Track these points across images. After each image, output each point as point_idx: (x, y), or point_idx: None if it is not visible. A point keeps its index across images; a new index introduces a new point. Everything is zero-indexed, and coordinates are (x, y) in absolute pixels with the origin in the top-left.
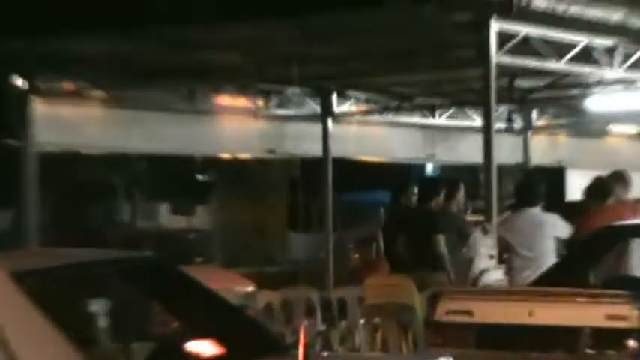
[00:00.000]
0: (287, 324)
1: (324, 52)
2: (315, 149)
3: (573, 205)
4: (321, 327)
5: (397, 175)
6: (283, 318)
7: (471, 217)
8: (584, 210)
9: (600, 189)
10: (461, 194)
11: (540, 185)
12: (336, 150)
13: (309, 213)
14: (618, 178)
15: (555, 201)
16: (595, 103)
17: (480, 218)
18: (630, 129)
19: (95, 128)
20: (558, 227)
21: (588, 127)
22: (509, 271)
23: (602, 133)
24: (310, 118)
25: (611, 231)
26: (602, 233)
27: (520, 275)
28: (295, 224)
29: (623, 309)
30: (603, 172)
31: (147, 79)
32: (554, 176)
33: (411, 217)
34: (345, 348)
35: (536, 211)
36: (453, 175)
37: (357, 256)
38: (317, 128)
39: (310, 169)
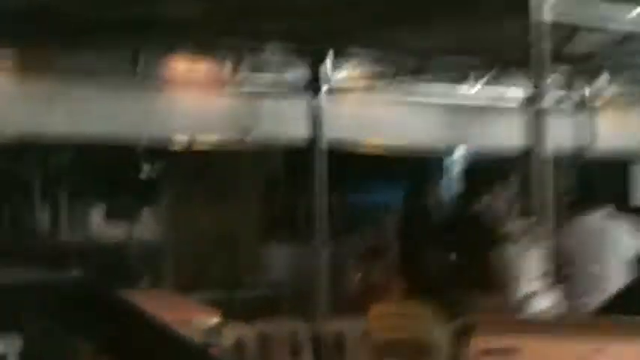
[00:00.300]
0: None
1: (315, 0)
2: (301, 132)
3: None
4: None
5: (413, 168)
6: None
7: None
8: None
9: None
10: (511, 191)
11: (608, 179)
12: (331, 134)
13: (294, 218)
14: None
15: (628, 201)
16: None
17: (527, 224)
18: None
19: (1, 104)
20: (632, 237)
21: None
22: (568, 295)
23: None
24: (296, 90)
25: None
26: None
27: (581, 300)
28: (275, 233)
29: None
30: None
31: (74, 37)
32: (627, 167)
33: (453, 223)
34: None
35: (602, 215)
36: (496, 166)
37: (359, 275)
38: (305, 104)
39: (295, 159)
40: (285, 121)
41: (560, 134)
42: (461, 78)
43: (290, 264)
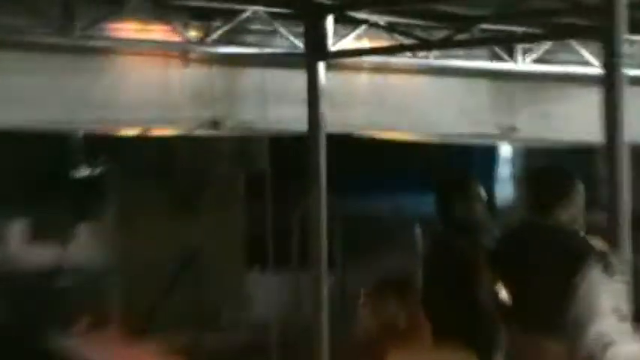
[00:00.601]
0: None
1: None
2: (295, 118)
3: None
4: None
5: (445, 166)
6: None
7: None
8: None
9: None
10: (580, 199)
11: None
12: (334, 120)
13: (285, 235)
14: None
15: None
16: None
17: (601, 244)
18: None
19: None
20: None
21: None
22: None
23: None
24: (287, 62)
25: None
26: None
27: None
28: (260, 256)
29: None
30: None
31: None
32: None
33: (509, 240)
34: None
35: None
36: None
37: (368, 311)
38: (299, 80)
39: (287, 154)
40: (274, 102)
41: None
42: (508, 49)
43: (280, 297)
